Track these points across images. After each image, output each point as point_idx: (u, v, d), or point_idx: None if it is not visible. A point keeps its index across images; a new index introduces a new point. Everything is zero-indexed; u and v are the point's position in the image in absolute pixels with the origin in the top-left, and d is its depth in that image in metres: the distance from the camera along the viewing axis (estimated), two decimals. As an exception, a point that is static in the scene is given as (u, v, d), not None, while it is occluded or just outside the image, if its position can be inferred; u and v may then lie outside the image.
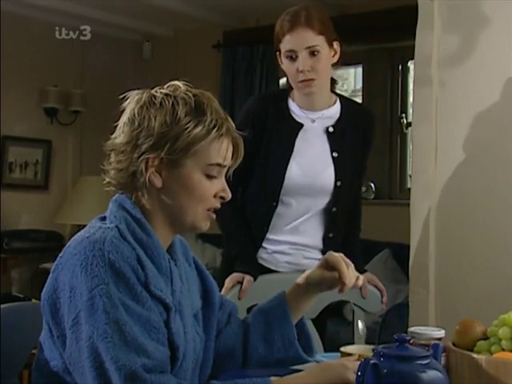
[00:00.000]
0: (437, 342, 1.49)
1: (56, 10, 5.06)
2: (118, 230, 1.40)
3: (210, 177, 1.47)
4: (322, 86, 2.31)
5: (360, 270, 2.26)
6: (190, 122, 1.42)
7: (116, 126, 1.48)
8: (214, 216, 1.52)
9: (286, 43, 2.27)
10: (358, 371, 1.34)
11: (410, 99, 4.77)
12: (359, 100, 5.33)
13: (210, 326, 1.61)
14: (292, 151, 2.31)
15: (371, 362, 1.32)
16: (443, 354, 1.49)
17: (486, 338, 1.50)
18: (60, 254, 1.41)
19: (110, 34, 5.84)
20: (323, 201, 2.34)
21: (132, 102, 1.47)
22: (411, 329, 1.57)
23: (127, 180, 1.45)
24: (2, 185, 5.35)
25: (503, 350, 1.46)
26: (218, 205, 1.50)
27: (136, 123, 1.44)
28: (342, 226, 2.41)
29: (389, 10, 4.71)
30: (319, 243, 2.38)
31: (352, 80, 6.39)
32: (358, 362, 1.38)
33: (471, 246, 2.89)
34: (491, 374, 1.41)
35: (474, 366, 1.43)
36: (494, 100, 2.80)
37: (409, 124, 4.77)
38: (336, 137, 2.34)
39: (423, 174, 3.00)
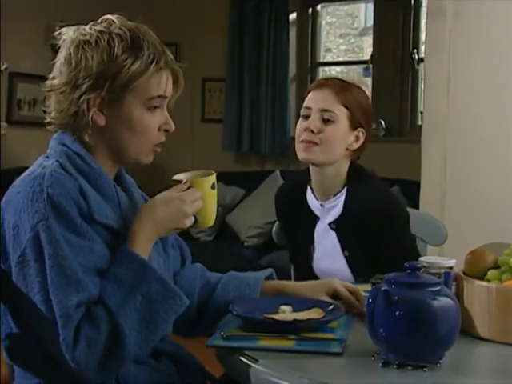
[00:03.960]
0: (448, 270, 1.50)
1: None
2: (58, 164, 1.41)
3: (152, 108, 1.47)
4: (324, 159, 2.02)
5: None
6: (127, 58, 1.42)
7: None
8: (159, 150, 1.52)
9: (306, 100, 2.05)
10: (369, 298, 1.35)
11: (422, 35, 4.68)
12: (370, 39, 5.24)
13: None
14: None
15: (382, 288, 1.32)
16: (454, 283, 1.50)
17: (496, 267, 1.50)
18: (6, 194, 1.42)
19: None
20: None
21: (67, 40, 1.46)
22: (422, 258, 1.57)
23: (69, 120, 1.46)
24: (11, 122, 5.34)
25: (514, 278, 1.46)
26: (162, 138, 1.51)
27: (73, 63, 1.43)
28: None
29: None
30: None
31: (362, 18, 6.24)
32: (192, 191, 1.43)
33: (482, 182, 2.88)
34: (501, 301, 1.42)
35: (485, 294, 1.44)
36: (510, 32, 2.75)
37: (420, 60, 4.70)
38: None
39: (435, 110, 2.97)
